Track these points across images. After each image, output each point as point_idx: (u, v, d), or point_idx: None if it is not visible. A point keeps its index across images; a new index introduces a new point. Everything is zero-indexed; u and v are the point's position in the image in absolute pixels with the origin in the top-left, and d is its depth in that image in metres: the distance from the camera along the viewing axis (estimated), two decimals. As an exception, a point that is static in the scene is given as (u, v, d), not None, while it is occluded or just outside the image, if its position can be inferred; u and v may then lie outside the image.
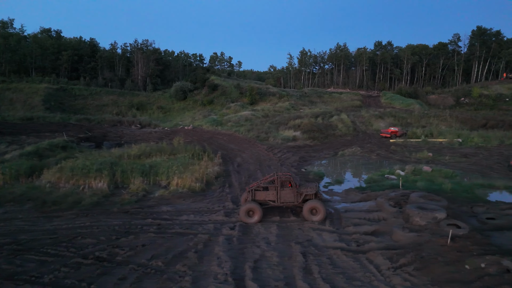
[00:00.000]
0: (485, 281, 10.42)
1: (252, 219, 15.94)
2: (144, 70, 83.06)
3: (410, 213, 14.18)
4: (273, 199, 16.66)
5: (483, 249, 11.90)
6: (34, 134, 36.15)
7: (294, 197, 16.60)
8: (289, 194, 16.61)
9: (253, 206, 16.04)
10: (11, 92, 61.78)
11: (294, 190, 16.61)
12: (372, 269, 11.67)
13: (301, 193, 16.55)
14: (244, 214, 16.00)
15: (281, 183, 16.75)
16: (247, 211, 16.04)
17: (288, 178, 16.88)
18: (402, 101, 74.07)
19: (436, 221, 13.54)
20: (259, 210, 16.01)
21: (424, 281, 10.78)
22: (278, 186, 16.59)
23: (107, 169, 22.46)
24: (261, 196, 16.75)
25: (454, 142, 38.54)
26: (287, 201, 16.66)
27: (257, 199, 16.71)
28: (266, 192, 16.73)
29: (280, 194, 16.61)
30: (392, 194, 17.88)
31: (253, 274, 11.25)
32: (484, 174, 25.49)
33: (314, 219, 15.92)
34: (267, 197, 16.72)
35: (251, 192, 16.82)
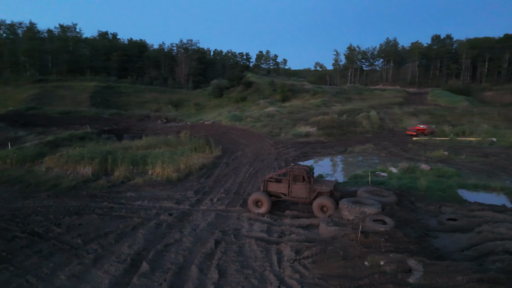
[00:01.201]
0: (373, 278, 9.66)
1: (259, 210, 15.44)
2: (187, 69, 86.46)
3: (341, 207, 13.46)
4: (284, 192, 15.87)
5: (395, 247, 10.96)
6: (65, 126, 39.71)
7: (307, 193, 15.48)
8: (302, 189, 15.57)
9: (261, 197, 15.50)
10: (63, 89, 68.15)
11: (307, 186, 15.45)
12: (273, 259, 11.34)
13: (315, 190, 15.37)
14: (252, 204, 15.61)
15: (294, 177, 15.71)
16: (255, 201, 15.59)
17: (301, 173, 15.69)
18: (449, 98, 69.03)
19: (364, 216, 12.69)
20: (267, 202, 15.41)
21: (315, 274, 10.26)
22: (290, 180, 15.69)
23: (99, 158, 24.06)
24: (273, 187, 16.10)
25: (485, 141, 35.05)
26: (299, 197, 15.70)
27: (269, 190, 16.14)
28: (278, 184, 15.98)
29: (292, 189, 15.69)
30: (352, 189, 16.97)
31: (155, 256, 11.53)
32: (492, 175, 23.00)
33: (324, 216, 14.54)
34: (279, 190, 15.98)
35: (263, 182, 16.32)
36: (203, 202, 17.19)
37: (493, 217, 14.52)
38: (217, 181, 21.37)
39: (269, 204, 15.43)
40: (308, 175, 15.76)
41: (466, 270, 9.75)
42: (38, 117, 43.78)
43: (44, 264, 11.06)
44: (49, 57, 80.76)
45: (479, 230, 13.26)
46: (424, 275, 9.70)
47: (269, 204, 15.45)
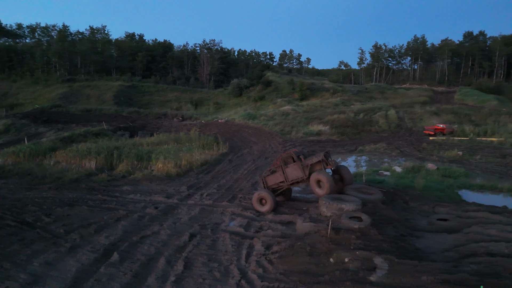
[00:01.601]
0: (334, 275, 9.39)
1: (264, 208, 15.04)
2: (209, 69, 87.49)
3: (320, 204, 13.15)
4: (282, 179, 15.48)
5: (365, 245, 10.59)
6: (84, 123, 41.25)
7: (301, 171, 14.91)
8: (295, 170, 15.08)
9: (264, 194, 15.11)
10: (90, 89, 70.78)
11: (299, 164, 15.00)
12: (242, 254, 11.25)
13: (307, 165, 14.83)
14: (256, 202, 15.27)
15: (284, 161, 15.42)
16: (259, 199, 15.22)
17: (289, 154, 15.53)
18: (477, 97, 65.94)
19: (341, 213, 12.35)
20: (271, 199, 14.94)
21: (278, 270, 10.09)
22: (282, 165, 15.38)
23: (105, 153, 24.82)
24: (272, 181, 15.82)
25: (508, 142, 33.22)
26: (295, 178, 15.12)
27: (270, 186, 15.86)
28: (275, 175, 15.68)
29: (287, 173, 15.25)
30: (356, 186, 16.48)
31: (128, 247, 11.73)
32: (504, 176, 21.76)
33: (320, 193, 14.04)
34: (277, 180, 15.62)
35: (263, 180, 16.05)
36: (193, 196, 17.34)
37: (487, 218, 13.74)
38: (214, 177, 21.48)
39: (272, 201, 14.99)
40: (297, 155, 15.42)
41: (433, 270, 9.29)
42: (60, 114, 45.76)
43: (23, 251, 11.51)
44: (78, 58, 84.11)
45: (468, 231, 12.58)
46: (388, 273, 9.33)
47: (273, 201, 15.01)
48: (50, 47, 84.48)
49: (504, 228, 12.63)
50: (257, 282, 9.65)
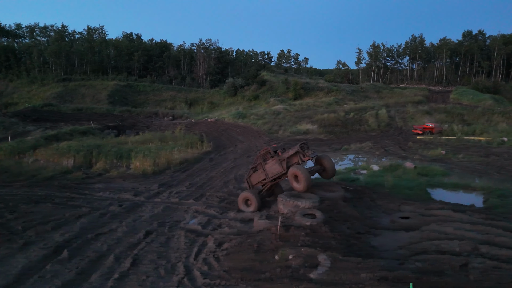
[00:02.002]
0: (274, 272, 9.32)
1: (249, 208, 14.76)
2: (205, 68, 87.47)
3: (278, 201, 13.07)
4: (264, 177, 15.18)
5: (313, 242, 10.49)
6: (73, 121, 41.29)
7: (280, 166, 14.56)
8: (274, 165, 14.71)
9: (248, 195, 14.85)
10: (85, 88, 70.88)
11: (276, 159, 14.70)
12: (193, 251, 11.19)
13: (283, 158, 14.51)
14: (241, 203, 15.03)
15: (263, 157, 15.15)
16: (244, 200, 14.99)
17: (266, 150, 15.26)
18: (473, 96, 65.51)
19: (297, 210, 12.25)
20: (255, 199, 14.65)
21: (223, 267, 10.02)
22: (261, 162, 15.11)
23: (84, 151, 24.83)
24: (255, 179, 15.53)
25: (495, 141, 32.97)
26: (275, 174, 14.76)
27: (254, 185, 15.59)
28: (257, 174, 15.37)
29: (266, 169, 14.94)
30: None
31: (81, 245, 11.70)
32: (483, 175, 21.54)
33: (297, 187, 13.70)
34: (260, 178, 15.30)
35: (247, 181, 15.76)
36: (161, 195, 17.29)
37: (449, 216, 13.60)
38: (190, 175, 21.43)
39: (257, 201, 14.66)
40: (275, 150, 15.18)
41: (374, 268, 9.19)
42: (51, 113, 45.88)
43: (-24, 247, 11.50)
44: (75, 58, 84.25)
45: (425, 229, 12.46)
46: (329, 271, 9.24)
47: (258, 201, 14.68)
48: (48, 47, 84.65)
49: (462, 226, 12.51)
50: (199, 279, 9.58)
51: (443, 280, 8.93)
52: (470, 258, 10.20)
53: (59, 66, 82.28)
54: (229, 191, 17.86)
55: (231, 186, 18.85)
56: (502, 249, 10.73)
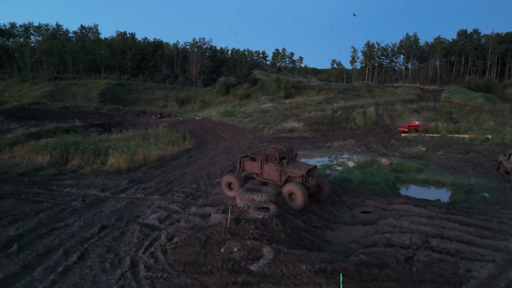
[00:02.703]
0: (216, 265, 9.31)
1: (231, 193, 14.75)
2: (198, 67, 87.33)
3: (236, 196, 13.00)
4: (257, 172, 14.89)
5: (261, 235, 10.42)
6: (59, 119, 41.12)
7: (278, 175, 14.20)
8: (273, 170, 14.33)
9: (232, 179, 14.69)
10: (76, 87, 70.69)
11: (278, 168, 14.15)
12: (144, 245, 11.13)
13: (285, 173, 14.03)
14: (224, 186, 15.05)
15: (266, 156, 14.60)
16: (227, 184, 14.91)
17: (273, 153, 14.48)
18: (464, 95, 65.56)
19: (252, 203, 12.17)
20: (238, 184, 14.53)
21: (168, 260, 9.97)
22: (262, 159, 14.60)
23: (62, 148, 24.70)
24: (248, 167, 15.24)
25: (479, 138, 32.93)
26: (270, 179, 14.48)
27: (245, 169, 15.43)
28: (252, 163, 15.03)
29: (264, 169, 14.60)
30: None
31: (33, 239, 11.62)
32: (458, 171, 21.53)
33: (292, 206, 13.11)
34: (253, 169, 15.05)
35: (239, 160, 15.46)
36: (128, 190, 17.19)
37: (409, 210, 13.57)
38: (163, 172, 21.33)
39: (239, 186, 14.41)
40: (281, 156, 14.50)
41: (314, 260, 9.13)
42: (37, 111, 45.68)
43: None
44: (67, 57, 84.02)
45: (382, 223, 12.41)
46: (271, 263, 9.19)
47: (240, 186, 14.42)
48: (40, 46, 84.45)
49: (418, 220, 12.46)
50: (142, 272, 9.52)
51: (384, 272, 8.88)
52: (418, 251, 10.14)
53: (51, 65, 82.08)
54: (198, 187, 17.75)
55: (201, 183, 18.75)
56: (452, 243, 10.70)
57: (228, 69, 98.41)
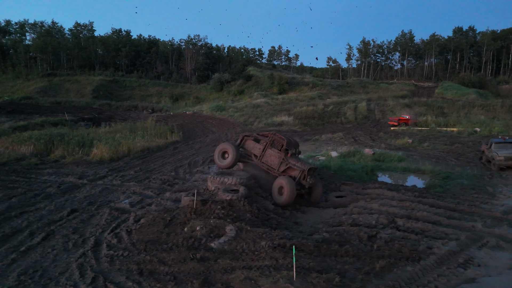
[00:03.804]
0: (177, 242, 9.26)
1: (224, 162, 13.99)
2: (192, 64, 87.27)
3: (207, 179, 12.98)
4: (257, 154, 14.21)
5: (227, 215, 10.40)
6: (49, 114, 41.00)
7: (278, 163, 13.56)
8: (274, 157, 13.69)
9: (227, 147, 13.99)
10: (70, 83, 70.60)
11: (281, 156, 13.56)
12: (112, 226, 11.07)
13: (286, 163, 13.43)
14: (218, 155, 14.25)
15: (273, 141, 14.03)
16: (221, 152, 14.10)
17: (282, 140, 13.93)
18: (457, 90, 65.65)
19: (223, 186, 12.16)
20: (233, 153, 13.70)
21: (131, 240, 9.91)
22: (268, 143, 14.04)
23: (46, 139, 24.65)
24: (249, 145, 14.57)
25: (467, 131, 33.00)
26: (268, 164, 13.83)
27: (245, 148, 14.68)
28: (255, 144, 14.39)
29: (266, 152, 13.95)
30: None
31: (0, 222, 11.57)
32: (440, 160, 21.56)
33: (278, 200, 12.63)
34: (254, 150, 14.38)
35: (242, 137, 14.85)
36: (106, 178, 17.15)
37: (382, 194, 13.59)
38: (145, 162, 21.31)
39: (235, 155, 13.71)
40: (288, 146, 13.91)
41: (275, 237, 9.12)
42: (28, 106, 45.58)
43: None
44: (61, 54, 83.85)
45: (352, 206, 12.41)
46: (232, 240, 9.17)
47: (235, 156, 13.74)
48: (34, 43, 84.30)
49: (389, 202, 12.48)
50: (104, 251, 9.48)
51: (343, 249, 8.88)
52: (382, 229, 10.15)
53: (45, 61, 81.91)
54: (176, 175, 17.74)
55: (181, 171, 18.73)
56: (418, 223, 10.71)
57: (223, 66, 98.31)
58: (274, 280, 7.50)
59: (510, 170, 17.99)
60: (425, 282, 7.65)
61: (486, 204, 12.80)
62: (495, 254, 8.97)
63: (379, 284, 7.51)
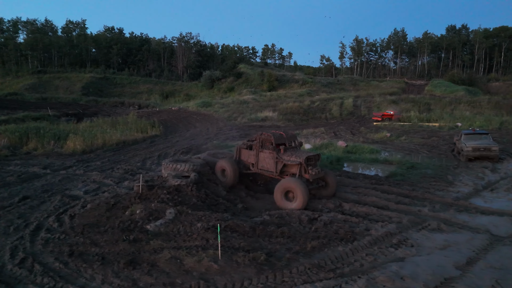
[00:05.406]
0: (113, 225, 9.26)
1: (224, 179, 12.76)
2: (184, 61, 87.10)
3: (162, 166, 12.94)
4: (253, 162, 12.74)
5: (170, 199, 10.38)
6: (33, 109, 40.78)
7: (274, 164, 11.91)
8: (268, 159, 12.06)
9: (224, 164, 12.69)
10: (60, 80, 70.30)
11: (274, 155, 11.85)
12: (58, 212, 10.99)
13: (281, 161, 11.74)
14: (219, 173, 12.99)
15: (262, 143, 12.37)
16: (220, 170, 12.88)
17: (269, 137, 12.21)
18: (446, 88, 65.74)
19: (176, 172, 12.11)
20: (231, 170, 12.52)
21: (72, 224, 9.87)
22: (258, 146, 12.42)
23: (21, 132, 24.54)
24: (245, 155, 13.05)
25: (447, 126, 33.10)
26: (265, 169, 12.26)
27: (242, 160, 13.17)
28: (249, 152, 12.86)
29: (259, 157, 12.37)
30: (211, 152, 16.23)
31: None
32: (413, 153, 21.57)
33: (288, 206, 10.70)
34: (249, 159, 12.86)
35: (237, 149, 13.43)
36: (71, 168, 17.07)
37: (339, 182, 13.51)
38: (116, 154, 21.25)
39: (233, 172, 12.47)
40: (279, 142, 12.16)
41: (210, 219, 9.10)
42: (12, 102, 45.37)
43: None
44: (52, 51, 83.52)
45: (306, 193, 12.34)
46: (169, 222, 9.15)
47: (234, 173, 12.51)
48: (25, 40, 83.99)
49: (342, 189, 12.45)
50: (42, 235, 9.40)
51: (279, 230, 8.88)
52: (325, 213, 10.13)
53: (36, 59, 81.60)
54: (142, 165, 17.68)
55: (148, 162, 18.68)
56: (364, 207, 10.70)
57: (216, 64, 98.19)
58: (199, 259, 7.50)
59: (477, 160, 18.00)
60: (351, 261, 7.64)
61: (441, 191, 12.80)
62: (432, 236, 8.96)
63: (304, 262, 7.49)
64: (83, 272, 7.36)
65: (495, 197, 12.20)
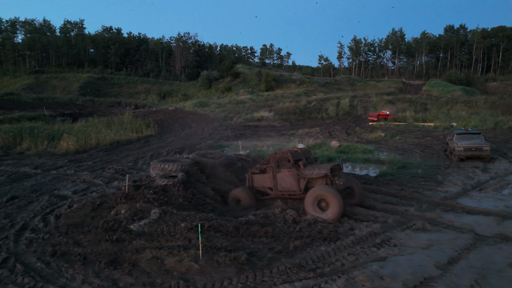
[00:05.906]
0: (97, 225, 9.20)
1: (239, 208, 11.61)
2: (182, 61, 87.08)
3: (151, 166, 12.95)
4: (270, 185, 11.73)
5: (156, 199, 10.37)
6: (29, 109, 40.76)
7: (296, 183, 11.08)
8: (288, 178, 11.24)
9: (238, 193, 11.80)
10: (57, 80, 70.23)
11: (294, 172, 11.09)
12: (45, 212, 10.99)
13: (304, 177, 10.97)
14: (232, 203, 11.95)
15: (278, 162, 11.49)
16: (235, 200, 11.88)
17: (285, 155, 11.46)
18: (443, 88, 65.81)
19: (164, 172, 12.13)
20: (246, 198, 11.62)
21: (57, 224, 9.87)
22: (274, 167, 11.51)
23: (15, 132, 24.55)
24: (258, 181, 12.02)
25: (442, 126, 33.14)
26: (287, 189, 11.34)
27: (256, 186, 12.08)
28: (263, 176, 11.86)
29: (277, 179, 11.45)
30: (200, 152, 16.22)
31: None
32: (406, 152, 21.60)
33: (323, 216, 9.92)
34: (265, 183, 11.87)
35: (248, 176, 12.24)
36: (62, 168, 17.06)
37: (328, 182, 13.49)
38: (109, 154, 21.26)
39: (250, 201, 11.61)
40: (296, 158, 11.46)
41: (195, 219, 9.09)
42: (8, 102, 45.35)
43: None
44: (50, 51, 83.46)
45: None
46: (153, 222, 9.14)
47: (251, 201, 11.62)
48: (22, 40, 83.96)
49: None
50: (26, 235, 9.40)
51: (263, 230, 8.88)
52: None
53: (33, 59, 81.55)
54: (133, 166, 17.69)
55: (140, 162, 18.69)
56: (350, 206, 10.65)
57: (214, 64, 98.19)
58: (180, 258, 7.49)
59: (469, 160, 18.02)
60: (333, 261, 7.64)
61: (429, 191, 12.81)
62: (416, 236, 8.96)
63: (286, 262, 7.50)
64: (64, 272, 7.35)
65: (483, 197, 12.21)
